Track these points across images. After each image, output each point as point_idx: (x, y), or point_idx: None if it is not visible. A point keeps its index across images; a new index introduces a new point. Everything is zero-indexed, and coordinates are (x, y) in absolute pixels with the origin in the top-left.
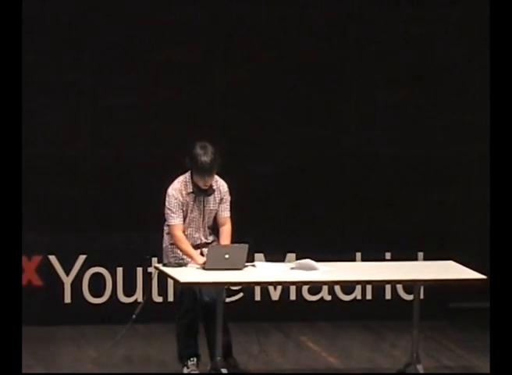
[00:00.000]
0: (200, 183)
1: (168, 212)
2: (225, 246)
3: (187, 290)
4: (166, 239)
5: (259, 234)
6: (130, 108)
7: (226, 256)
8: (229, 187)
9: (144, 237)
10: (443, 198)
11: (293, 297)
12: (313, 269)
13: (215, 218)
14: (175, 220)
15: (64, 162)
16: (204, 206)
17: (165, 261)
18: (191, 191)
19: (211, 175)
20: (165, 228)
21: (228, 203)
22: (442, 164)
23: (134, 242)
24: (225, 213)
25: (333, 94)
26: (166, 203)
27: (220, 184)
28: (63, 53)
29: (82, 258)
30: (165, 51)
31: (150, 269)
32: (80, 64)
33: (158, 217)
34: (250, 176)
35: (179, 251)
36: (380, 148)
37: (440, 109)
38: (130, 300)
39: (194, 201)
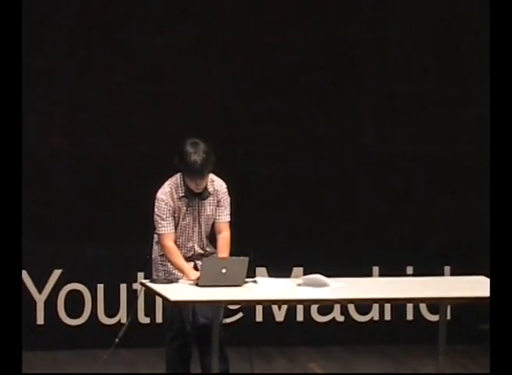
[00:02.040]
0: (192, 186)
1: (158, 219)
2: (221, 259)
3: (179, 308)
4: (156, 249)
5: (261, 245)
6: (112, 100)
7: (223, 271)
8: (228, 188)
9: (129, 249)
10: (473, 204)
11: (300, 318)
12: (323, 285)
13: (213, 225)
14: (165, 229)
15: (34, 163)
16: (198, 212)
17: (155, 275)
18: (183, 194)
19: (202, 176)
20: (155, 237)
21: (226, 206)
22: (471, 164)
23: (118, 254)
24: (222, 218)
25: (345, 84)
26: (155, 209)
27: (217, 185)
28: (34, 38)
29: (57, 273)
30: (153, 36)
31: (135, 286)
32: (53, 50)
33: (146, 225)
34: (249, 177)
35: (168, 265)
36: (399, 146)
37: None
38: (113, 321)
39: (187, 206)
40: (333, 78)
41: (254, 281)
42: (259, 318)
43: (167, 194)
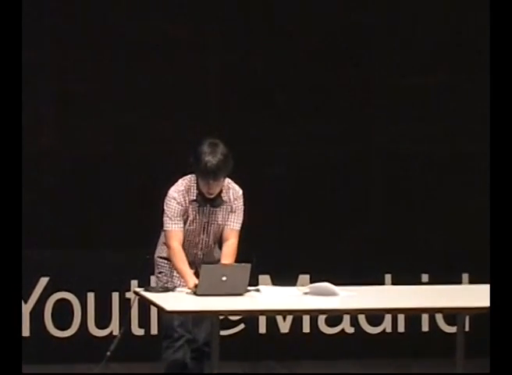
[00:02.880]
0: (204, 190)
1: (166, 217)
2: (222, 266)
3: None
4: (158, 249)
5: (264, 251)
6: (104, 96)
7: (223, 278)
8: (244, 194)
9: (122, 255)
10: None
11: (306, 329)
12: (331, 294)
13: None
14: (173, 226)
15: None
16: (208, 220)
17: (155, 277)
18: (194, 198)
19: (216, 178)
20: (162, 236)
21: (239, 213)
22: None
23: (110, 261)
24: (231, 225)
25: (354, 79)
26: (165, 206)
27: (233, 193)
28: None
29: (44, 280)
30: (147, 25)
31: (128, 295)
32: (41, 43)
33: (140, 229)
34: (253, 178)
35: (166, 268)
36: (412, 144)
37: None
38: (104, 333)
39: (197, 212)
40: (342, 72)
41: (257, 290)
42: (262, 330)
43: (180, 193)
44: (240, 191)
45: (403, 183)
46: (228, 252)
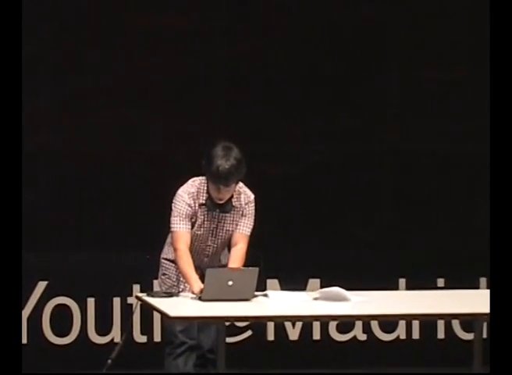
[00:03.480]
0: (214, 195)
1: (174, 218)
2: (228, 270)
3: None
4: (164, 250)
5: (272, 254)
6: (104, 90)
7: (230, 283)
8: (256, 199)
9: (123, 258)
10: None
11: (316, 336)
12: (343, 299)
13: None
14: (180, 226)
15: None
16: (217, 226)
17: (158, 279)
18: (203, 202)
19: (227, 184)
20: (169, 237)
21: (249, 217)
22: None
23: (111, 264)
24: (241, 229)
25: (368, 72)
26: (173, 207)
27: (244, 198)
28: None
29: (42, 285)
30: (147, 18)
31: (130, 300)
32: (36, 35)
33: (143, 231)
34: (260, 178)
35: (171, 270)
36: (428, 143)
37: None
38: (105, 340)
39: (206, 216)
40: (353, 65)
41: (265, 295)
42: (270, 337)
43: (190, 195)
44: (252, 196)
45: (418, 183)
46: (236, 257)
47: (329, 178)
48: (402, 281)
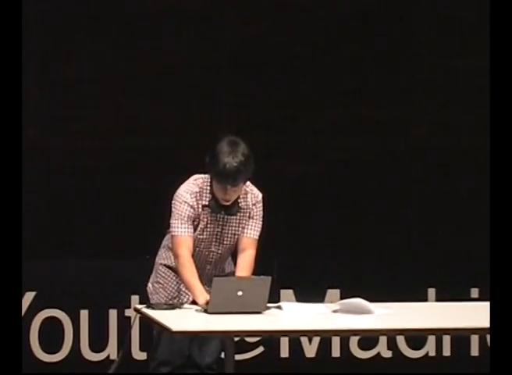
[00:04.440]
0: (219, 195)
1: (175, 221)
2: (237, 279)
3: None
4: (161, 255)
5: (287, 263)
6: (98, 79)
7: (239, 293)
8: (264, 198)
9: (120, 266)
10: None
11: (336, 353)
12: (365, 312)
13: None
14: (182, 230)
15: None
16: (222, 229)
17: (150, 284)
18: (206, 203)
19: (235, 184)
20: (165, 239)
21: (258, 220)
22: None
23: (106, 273)
24: (249, 233)
25: (390, 59)
26: (173, 208)
27: (251, 198)
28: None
29: (30, 295)
30: None
31: (128, 313)
32: (27, 20)
33: (142, 237)
34: (271, 177)
35: (168, 279)
36: (457, 138)
37: None
38: (100, 357)
39: (209, 219)
40: (375, 52)
41: (278, 307)
42: (284, 353)
43: (193, 195)
44: (260, 195)
45: (448, 185)
46: (244, 264)
47: (351, 179)
48: (431, 291)
